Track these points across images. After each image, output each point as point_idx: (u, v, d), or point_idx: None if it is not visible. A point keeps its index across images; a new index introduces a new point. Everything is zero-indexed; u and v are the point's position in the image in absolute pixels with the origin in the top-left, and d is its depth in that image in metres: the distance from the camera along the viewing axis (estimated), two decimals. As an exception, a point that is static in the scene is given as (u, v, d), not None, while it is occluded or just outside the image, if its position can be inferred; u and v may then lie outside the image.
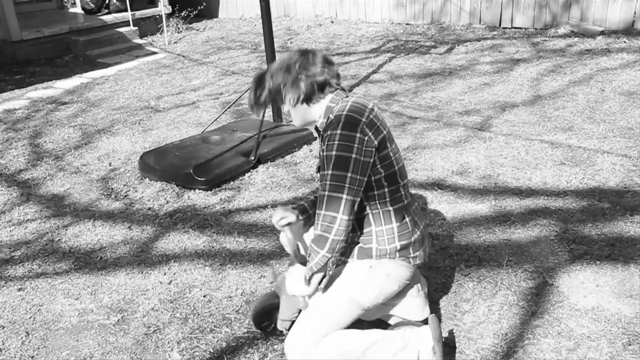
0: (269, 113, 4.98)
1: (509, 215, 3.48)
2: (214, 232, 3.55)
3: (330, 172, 2.07)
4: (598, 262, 2.97)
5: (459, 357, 2.43)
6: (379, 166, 2.16)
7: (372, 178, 2.16)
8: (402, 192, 2.26)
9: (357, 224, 2.25)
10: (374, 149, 2.11)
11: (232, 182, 4.19)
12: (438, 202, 3.70)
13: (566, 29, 7.55)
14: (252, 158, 4.34)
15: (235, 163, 4.27)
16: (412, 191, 3.84)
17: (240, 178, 4.24)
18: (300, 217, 2.46)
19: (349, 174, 2.06)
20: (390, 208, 2.22)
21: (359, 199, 2.11)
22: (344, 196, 2.06)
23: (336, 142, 2.06)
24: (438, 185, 3.92)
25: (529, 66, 6.34)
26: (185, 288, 3.02)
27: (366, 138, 2.09)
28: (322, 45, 8.18)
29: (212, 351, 2.56)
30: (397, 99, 5.71)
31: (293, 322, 2.42)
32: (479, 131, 4.75)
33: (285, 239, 2.48)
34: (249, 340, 2.58)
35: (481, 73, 6.29)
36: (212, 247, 3.38)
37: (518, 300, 2.73)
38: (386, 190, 2.20)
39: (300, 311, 2.37)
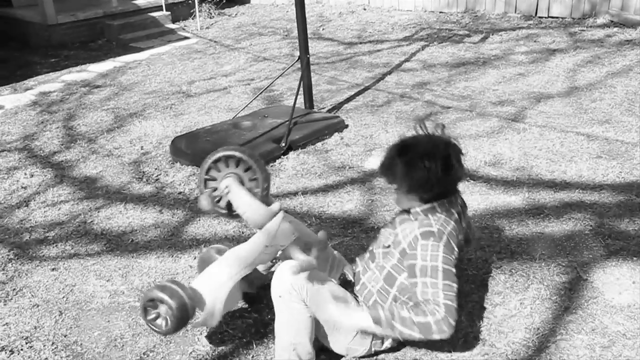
0: (300, 100, 4.96)
1: (543, 208, 3.42)
2: (244, 218, 3.56)
3: (442, 282, 2.13)
4: (635, 258, 2.90)
5: (490, 350, 2.40)
6: None
7: None
8: None
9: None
10: None
11: (262, 168, 4.18)
12: (470, 192, 3.65)
13: (605, 18, 7.37)
14: (283, 144, 4.34)
15: (266, 149, 4.27)
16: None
17: (271, 164, 4.23)
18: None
19: (455, 284, 2.16)
20: None
21: None
22: (455, 305, 2.13)
23: (441, 255, 2.15)
24: (470, 176, 3.86)
25: (565, 57, 6.21)
26: (215, 273, 3.03)
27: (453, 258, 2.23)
28: (354, 32, 8.12)
29: (240, 336, 2.57)
30: (430, 87, 5.64)
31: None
32: (513, 122, 4.67)
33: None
34: (278, 326, 2.58)
35: (516, 63, 6.18)
36: (242, 232, 3.39)
37: (551, 295, 2.69)
38: None
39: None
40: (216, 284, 2.23)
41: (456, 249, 2.22)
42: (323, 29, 8.47)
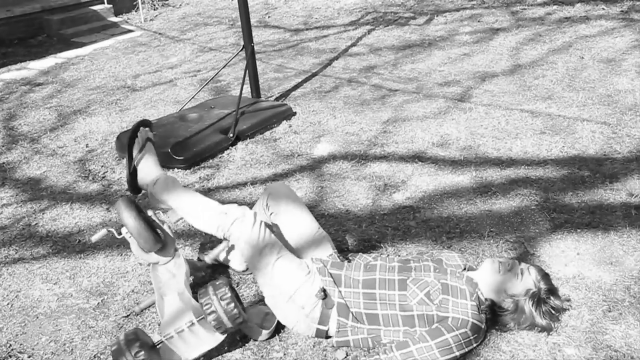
0: (247, 89, 4.91)
1: (490, 185, 3.48)
2: (193, 212, 3.50)
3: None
4: (579, 230, 2.98)
5: (442, 330, 2.43)
6: None
7: None
8: None
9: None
10: None
11: (211, 160, 4.13)
12: (419, 174, 3.68)
13: (545, -4, 7.51)
14: (231, 135, 4.29)
15: (213, 140, 4.21)
16: (393, 164, 3.82)
17: (219, 156, 4.19)
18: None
19: None
20: None
21: None
22: None
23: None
24: (418, 157, 3.89)
25: (508, 35, 6.30)
26: (166, 269, 2.99)
27: None
28: (301, 18, 8.08)
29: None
30: (377, 71, 5.66)
31: None
32: (459, 102, 4.72)
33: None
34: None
35: (460, 43, 6.25)
36: (192, 227, 3.33)
37: (499, 271, 2.73)
38: None
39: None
40: None
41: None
42: (269, 17, 8.40)
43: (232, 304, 2.20)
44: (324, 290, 2.35)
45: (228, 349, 2.40)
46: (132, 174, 2.66)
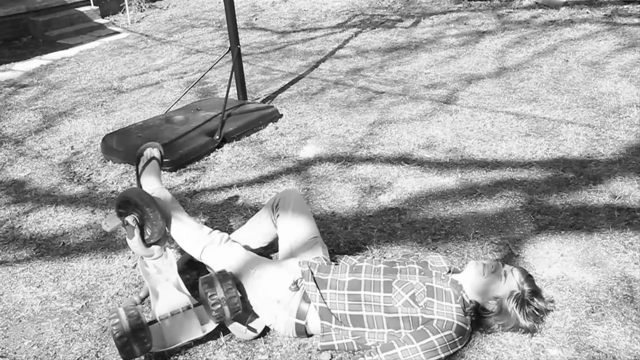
0: (233, 91, 4.90)
1: (475, 187, 3.49)
2: (179, 214, 3.49)
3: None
4: (563, 231, 3.00)
5: (426, 331, 2.43)
6: None
7: None
8: None
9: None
10: None
11: (197, 162, 4.12)
12: (405, 176, 3.69)
13: (530, 0, 7.56)
14: (217, 137, 4.28)
15: (199, 143, 4.20)
16: (379, 166, 3.83)
17: (205, 158, 4.18)
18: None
19: None
20: None
21: None
22: None
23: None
24: (404, 159, 3.91)
25: (494, 38, 6.34)
26: (151, 271, 2.97)
27: None
28: (288, 21, 8.08)
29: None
30: (363, 73, 5.67)
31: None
32: (445, 104, 4.74)
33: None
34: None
35: (447, 46, 6.28)
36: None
37: (484, 272, 2.74)
38: None
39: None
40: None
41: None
42: (256, 19, 8.39)
43: (235, 296, 2.31)
44: (296, 283, 2.40)
45: (213, 351, 2.40)
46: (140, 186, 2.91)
